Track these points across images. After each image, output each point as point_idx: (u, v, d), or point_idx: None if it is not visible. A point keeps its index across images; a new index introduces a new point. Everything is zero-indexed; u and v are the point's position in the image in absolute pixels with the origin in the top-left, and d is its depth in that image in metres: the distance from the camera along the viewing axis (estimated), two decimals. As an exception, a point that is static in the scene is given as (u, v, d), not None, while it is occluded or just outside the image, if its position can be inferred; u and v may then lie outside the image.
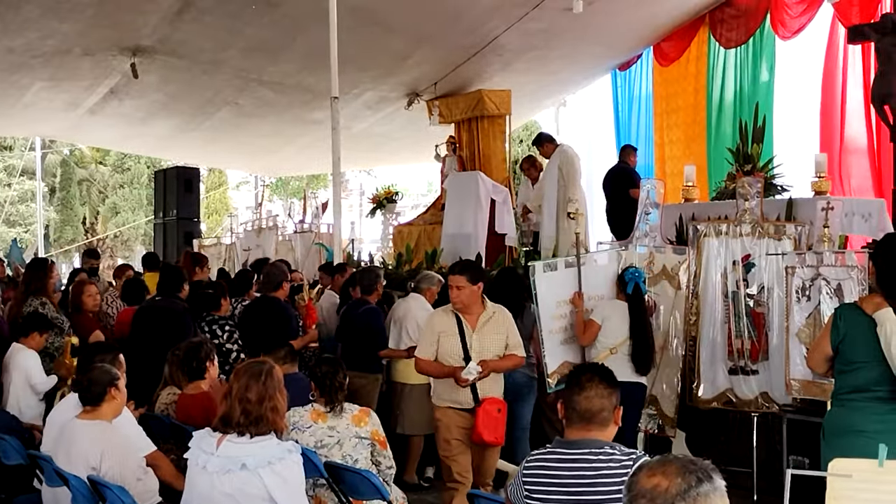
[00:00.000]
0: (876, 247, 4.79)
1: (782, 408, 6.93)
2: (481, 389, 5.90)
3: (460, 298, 5.97)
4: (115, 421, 4.75)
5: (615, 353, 6.97)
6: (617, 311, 7.08)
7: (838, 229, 8.10)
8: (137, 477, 4.58)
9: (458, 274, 6.01)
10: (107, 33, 11.61)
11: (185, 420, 5.53)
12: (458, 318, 6.00)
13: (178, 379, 5.90)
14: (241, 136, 16.35)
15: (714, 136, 13.90)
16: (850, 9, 12.05)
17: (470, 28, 12.63)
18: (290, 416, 5.10)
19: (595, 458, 3.50)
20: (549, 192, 11.32)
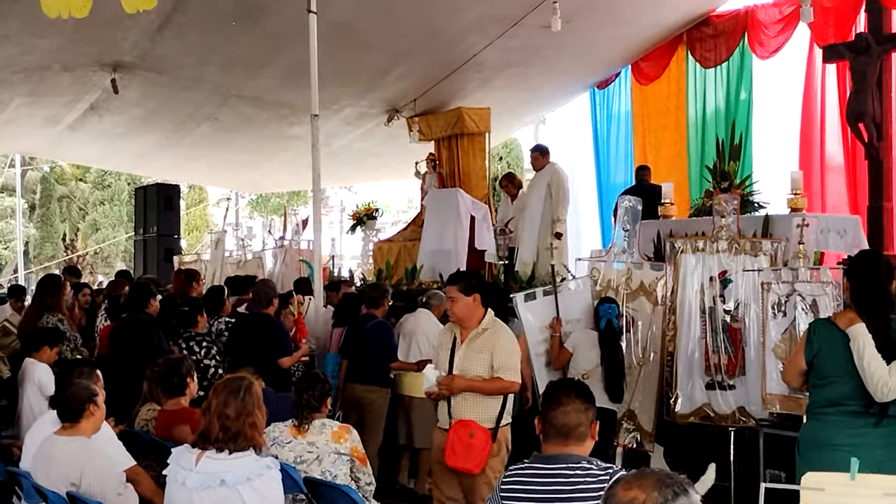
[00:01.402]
0: (849, 263, 4.83)
1: (759, 422, 6.96)
2: (457, 410, 5.62)
3: (454, 310, 5.77)
4: (95, 437, 4.73)
5: (587, 377, 7.22)
6: (588, 340, 7.45)
7: (814, 245, 8.15)
8: (117, 492, 4.56)
9: (451, 285, 5.82)
10: (87, 49, 11.56)
11: (164, 436, 5.52)
12: (454, 332, 5.84)
13: (158, 395, 5.90)
14: (222, 152, 16.30)
15: (695, 154, 13.99)
16: (826, 29, 12.18)
17: (449, 44, 12.66)
18: (271, 432, 5.11)
19: (572, 472, 3.50)
20: (534, 207, 11.35)
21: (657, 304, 7.76)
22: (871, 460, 4.03)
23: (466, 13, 11.78)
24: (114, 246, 33.32)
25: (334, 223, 31.25)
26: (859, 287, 4.56)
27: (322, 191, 11.54)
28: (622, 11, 12.64)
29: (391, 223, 19.28)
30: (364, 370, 8.03)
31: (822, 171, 12.57)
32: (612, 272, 8.23)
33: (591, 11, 12.05)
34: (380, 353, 8.01)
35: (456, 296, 5.71)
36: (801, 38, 12.75)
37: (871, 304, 4.49)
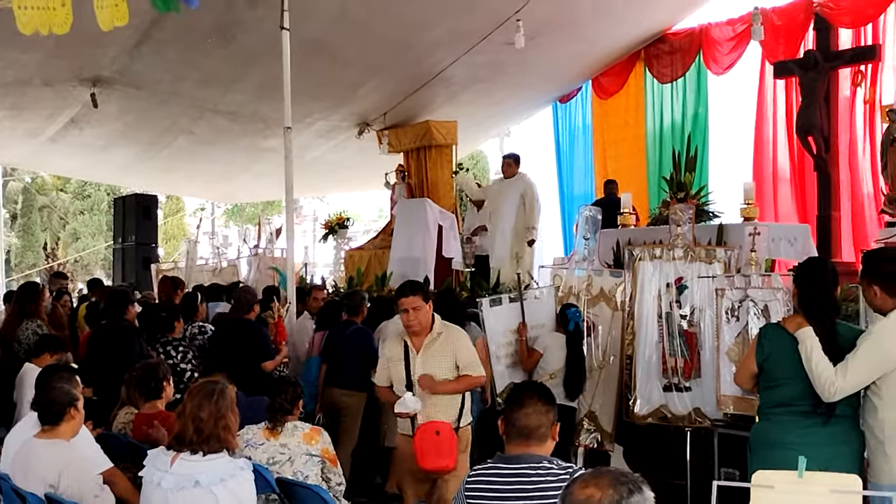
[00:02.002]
0: (798, 270, 4.87)
1: (714, 422, 6.96)
2: (423, 414, 5.48)
3: (418, 320, 5.53)
4: (73, 440, 4.68)
5: (554, 378, 7.30)
6: (556, 342, 7.46)
7: (765, 253, 8.21)
8: (94, 494, 4.51)
9: (412, 295, 5.55)
10: (67, 64, 11.48)
11: (141, 439, 5.47)
12: (406, 342, 5.61)
13: (135, 399, 5.86)
14: (198, 164, 16.22)
15: (653, 166, 14.08)
16: (776, 46, 12.31)
17: (418, 60, 12.67)
18: (245, 434, 5.10)
19: (534, 472, 3.51)
20: (507, 215, 11.34)
21: (617, 309, 7.79)
22: (819, 458, 4.05)
23: (434, 30, 11.80)
24: (93, 254, 33.06)
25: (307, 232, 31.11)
26: (807, 293, 4.59)
27: (295, 201, 11.51)
28: (583, 29, 12.70)
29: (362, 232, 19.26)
30: (343, 374, 7.99)
31: (773, 182, 12.70)
32: (574, 279, 8.25)
33: (554, 29, 12.10)
34: (362, 357, 7.94)
35: (420, 305, 5.54)
36: (752, 54, 12.89)
37: (819, 309, 4.52)
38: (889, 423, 4.26)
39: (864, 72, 11.33)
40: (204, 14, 9.27)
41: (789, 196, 12.52)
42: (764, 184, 12.47)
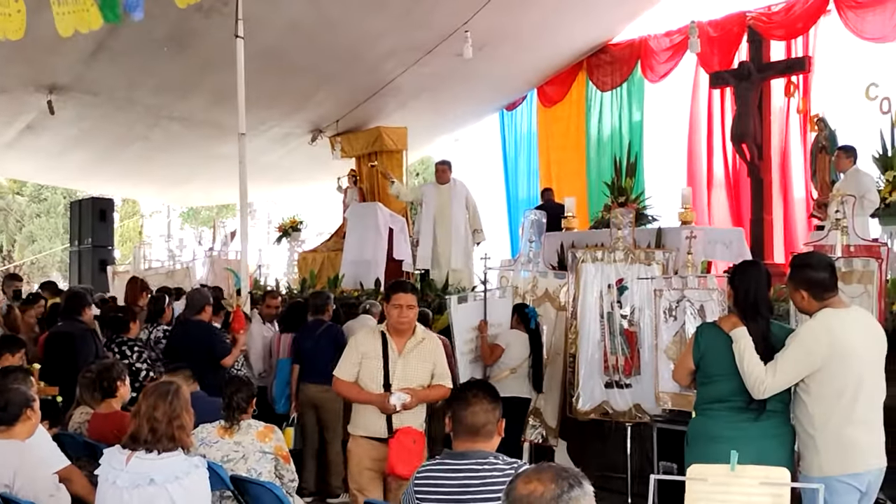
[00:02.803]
0: (732, 272, 4.92)
1: (653, 418, 7.04)
2: (399, 419, 5.15)
3: (411, 318, 5.23)
4: (29, 441, 4.59)
5: (515, 372, 7.38)
6: (518, 339, 7.50)
7: (701, 255, 8.32)
8: (50, 493, 4.43)
9: (411, 292, 5.28)
10: (23, 71, 11.29)
11: (97, 438, 5.39)
12: (385, 339, 5.24)
13: (89, 399, 5.77)
14: (154, 169, 16.01)
15: (594, 171, 14.19)
16: (712, 57, 12.46)
17: (369, 70, 12.65)
18: (199, 433, 5.04)
19: (481, 467, 3.52)
20: (458, 219, 11.39)
21: (560, 309, 7.84)
22: (752, 452, 4.09)
23: (385, 41, 11.80)
24: (49, 257, 32.46)
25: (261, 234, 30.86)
26: (741, 294, 4.62)
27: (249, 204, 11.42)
28: (528, 40, 12.78)
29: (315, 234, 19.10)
30: (318, 371, 7.78)
31: (709, 188, 12.86)
32: (520, 280, 8.31)
33: (501, 40, 12.16)
34: (335, 353, 7.90)
35: (414, 304, 5.26)
36: (687, 64, 13.04)
37: (752, 309, 4.56)
38: (818, 419, 4.31)
39: (796, 82, 11.53)
40: (159, 23, 9.20)
41: (724, 201, 12.69)
42: (699, 189, 12.61)
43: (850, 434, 4.26)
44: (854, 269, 5.70)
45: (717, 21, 12.54)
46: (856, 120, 10.56)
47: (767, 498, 3.22)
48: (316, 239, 16.11)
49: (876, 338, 4.47)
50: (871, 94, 9.62)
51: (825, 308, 4.39)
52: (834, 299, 4.45)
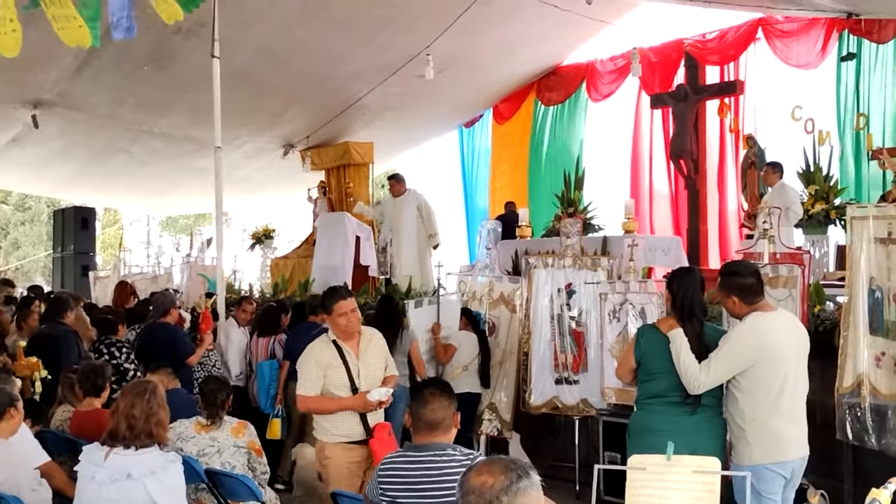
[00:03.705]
0: (670, 277, 4.98)
1: (599, 412, 7.10)
2: (372, 418, 5.00)
3: (356, 322, 5.07)
4: (12, 439, 4.54)
5: (467, 370, 7.47)
6: (469, 339, 7.61)
7: (642, 262, 8.40)
8: (32, 488, 4.39)
9: (349, 298, 5.08)
10: (8, 87, 11.13)
11: (78, 434, 5.34)
12: (339, 346, 5.01)
13: (72, 397, 5.71)
14: (135, 180, 15.83)
15: (542, 183, 14.27)
16: (652, 80, 12.60)
17: (337, 89, 12.64)
18: (176, 428, 5.02)
19: (439, 458, 3.55)
20: (408, 228, 11.34)
21: (514, 311, 7.87)
22: (688, 443, 4.16)
23: (352, 63, 11.80)
24: (34, 262, 31.98)
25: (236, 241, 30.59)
26: (678, 298, 4.66)
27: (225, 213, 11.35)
28: (485, 63, 12.86)
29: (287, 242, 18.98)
30: None
31: (650, 199, 12.98)
32: (477, 284, 8.33)
33: (460, 63, 12.20)
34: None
35: (355, 306, 5.09)
36: (631, 87, 13.17)
37: (688, 312, 4.61)
38: (748, 413, 4.38)
39: (729, 104, 11.69)
40: (140, 43, 9.10)
41: (664, 212, 12.82)
42: (641, 200, 12.72)
43: (777, 426, 4.35)
44: (780, 274, 5.79)
45: (657, 47, 12.67)
46: (782, 138, 10.73)
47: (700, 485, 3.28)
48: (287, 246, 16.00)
49: (799, 338, 4.56)
50: (797, 116, 9.76)
51: (754, 311, 4.47)
52: (762, 303, 4.53)
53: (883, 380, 4.98)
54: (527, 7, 10.78)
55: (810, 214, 9.05)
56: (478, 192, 15.76)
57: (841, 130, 10.60)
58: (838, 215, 8.82)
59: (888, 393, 4.92)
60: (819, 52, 10.86)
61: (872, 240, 5.07)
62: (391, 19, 10.87)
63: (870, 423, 4.99)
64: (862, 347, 5.06)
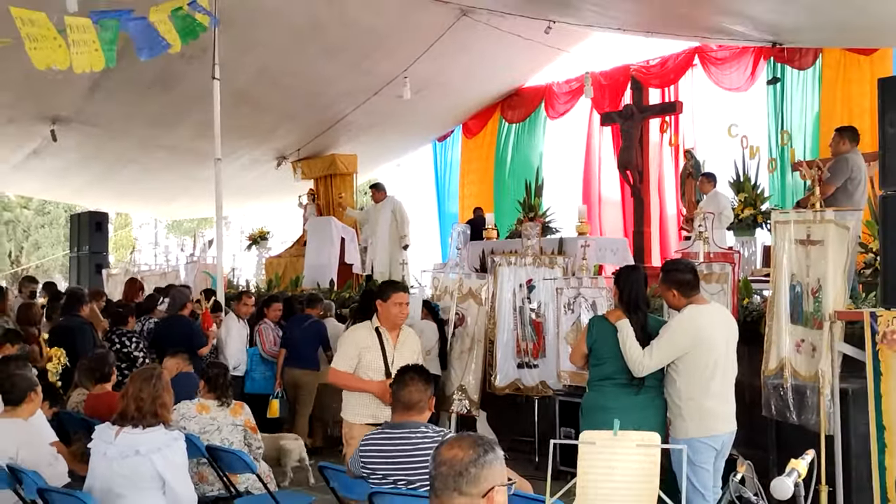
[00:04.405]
0: (617, 274, 5.01)
1: (555, 392, 7.11)
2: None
3: (405, 314, 5.01)
4: (31, 419, 4.49)
5: (429, 354, 7.29)
6: (430, 327, 7.44)
7: (594, 260, 8.44)
8: (48, 463, 4.34)
9: (405, 291, 5.10)
10: (31, 104, 11.02)
11: (92, 415, 5.28)
12: (380, 334, 4.92)
13: (86, 382, 5.66)
14: (144, 188, 15.71)
15: (506, 191, 14.29)
16: (603, 100, 12.66)
17: (325, 108, 12.62)
18: (180, 408, 4.99)
19: (414, 435, 3.57)
20: (383, 230, 11.27)
21: (481, 304, 7.83)
22: (633, 420, 4.18)
23: (339, 85, 11.78)
24: (52, 262, 31.59)
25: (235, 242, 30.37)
26: (624, 292, 4.69)
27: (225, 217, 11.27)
28: (455, 84, 12.89)
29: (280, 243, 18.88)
30: (303, 357, 7.96)
31: (599, 205, 13.05)
32: (449, 280, 8.28)
33: (434, 85, 12.22)
34: (317, 344, 7.99)
35: (409, 301, 5.01)
36: (584, 106, 13.23)
37: (633, 305, 4.64)
38: (685, 392, 4.42)
39: (669, 122, 11.76)
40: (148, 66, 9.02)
41: (612, 216, 12.88)
42: (592, 206, 12.78)
43: (709, 405, 4.39)
44: (713, 271, 5.84)
45: (606, 72, 12.74)
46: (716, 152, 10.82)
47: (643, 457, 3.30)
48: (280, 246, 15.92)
49: (730, 328, 4.61)
50: (733, 133, 9.83)
51: (690, 304, 4.51)
52: (697, 297, 4.58)
53: (802, 363, 5.03)
54: (493, 36, 10.80)
55: (740, 219, 9.13)
56: (449, 199, 15.75)
57: (769, 145, 10.71)
58: (764, 219, 8.91)
59: (807, 375, 4.97)
60: (749, 77, 10.97)
61: (793, 241, 5.12)
62: (374, 47, 10.87)
63: (791, 402, 5.04)
64: (784, 335, 5.12)
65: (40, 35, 6.17)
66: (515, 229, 10.60)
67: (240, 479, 4.99)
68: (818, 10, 7.85)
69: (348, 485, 4.04)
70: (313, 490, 6.22)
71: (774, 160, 9.66)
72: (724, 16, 8.66)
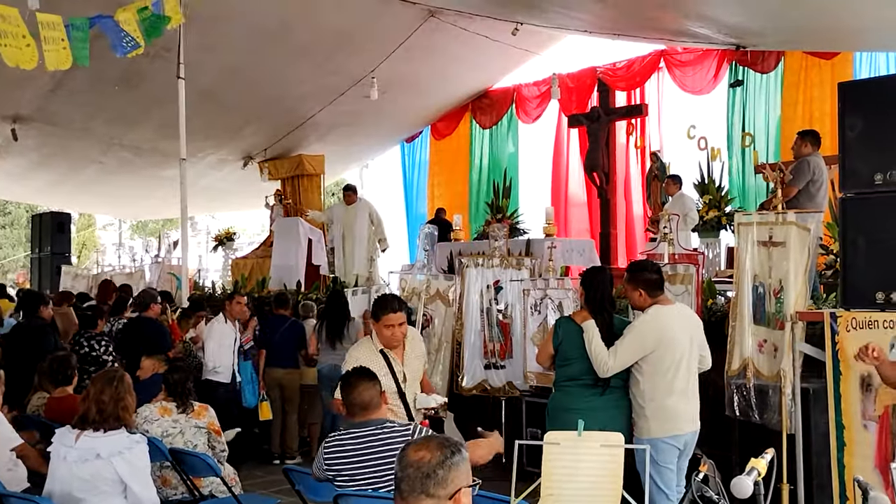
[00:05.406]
0: (583, 276, 5.03)
1: (522, 393, 7.11)
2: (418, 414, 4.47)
3: (402, 335, 4.42)
4: (-10, 424, 4.40)
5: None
6: None
7: (560, 262, 8.45)
8: (8, 468, 4.26)
9: (399, 311, 4.38)
10: (-10, 103, 10.84)
11: (52, 418, 5.19)
12: (385, 355, 4.39)
13: (47, 385, 5.56)
14: (107, 189, 15.46)
15: (476, 193, 14.31)
16: (570, 103, 12.71)
17: (292, 107, 12.53)
18: (143, 412, 4.92)
19: (380, 431, 3.55)
20: (360, 233, 11.24)
21: (449, 305, 7.85)
22: (599, 421, 4.21)
23: (305, 84, 11.71)
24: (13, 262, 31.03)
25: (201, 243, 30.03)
26: (590, 294, 4.73)
27: (191, 218, 11.17)
28: (423, 85, 12.86)
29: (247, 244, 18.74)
30: (285, 358, 7.98)
31: (566, 206, 13.09)
32: (416, 282, 8.29)
33: (401, 85, 12.19)
34: (297, 344, 8.00)
35: (404, 320, 4.43)
36: (554, 107, 13.27)
37: (599, 306, 4.67)
38: (648, 393, 4.45)
39: (635, 124, 11.84)
40: (111, 64, 8.91)
41: (579, 217, 12.94)
42: (560, 207, 12.82)
43: (672, 405, 4.43)
44: (678, 272, 5.89)
45: (573, 74, 12.79)
46: (682, 154, 10.91)
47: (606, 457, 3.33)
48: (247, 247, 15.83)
49: (693, 328, 4.65)
50: (692, 134, 9.92)
51: (655, 304, 4.55)
52: (662, 297, 4.62)
53: (765, 363, 5.10)
54: (461, 37, 10.81)
55: (705, 220, 9.22)
56: (418, 200, 15.73)
57: (730, 148, 10.84)
58: (728, 221, 9.00)
59: (769, 374, 5.04)
60: (712, 80, 11.09)
61: (756, 243, 5.19)
62: (341, 47, 10.81)
63: (754, 401, 5.10)
64: (747, 336, 5.17)
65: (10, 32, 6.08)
66: (483, 231, 10.60)
67: (204, 483, 4.94)
68: (780, 14, 7.97)
69: (314, 487, 4.01)
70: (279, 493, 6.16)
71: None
72: (689, 19, 8.76)
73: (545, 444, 3.37)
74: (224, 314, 7.80)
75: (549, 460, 3.32)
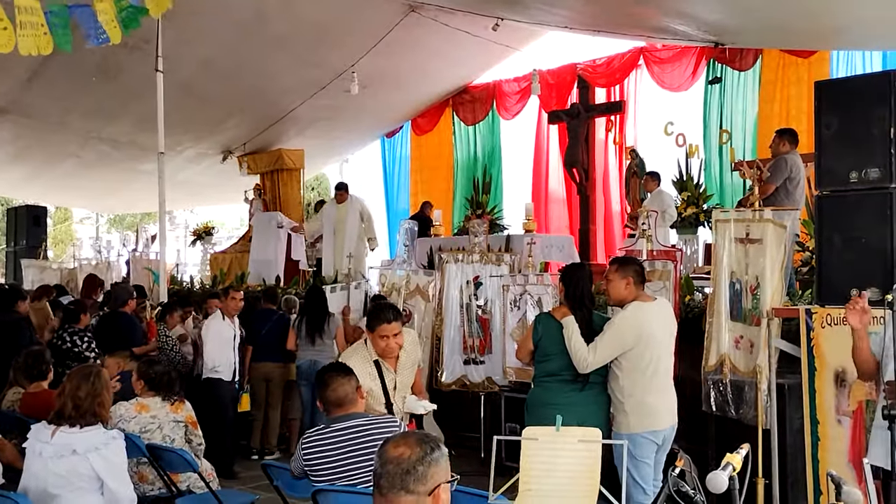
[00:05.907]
0: (563, 272, 5.05)
1: (501, 388, 7.16)
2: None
3: (398, 345, 4.20)
4: (-34, 418, 4.35)
5: None
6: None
7: (540, 257, 8.49)
8: (-18, 462, 4.21)
9: (395, 320, 4.14)
10: (-37, 95, 10.66)
11: (28, 414, 5.13)
12: (378, 364, 4.21)
13: (22, 380, 5.49)
14: (84, 182, 15.28)
15: (459, 189, 14.28)
16: (550, 99, 12.71)
17: (272, 101, 12.44)
18: (118, 410, 4.87)
19: (361, 424, 3.55)
20: (351, 230, 11.21)
21: (429, 301, 7.88)
22: (577, 416, 4.24)
23: (285, 78, 11.63)
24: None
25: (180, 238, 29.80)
26: (570, 289, 4.75)
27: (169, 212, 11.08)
28: (404, 80, 12.81)
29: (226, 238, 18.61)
30: (272, 351, 7.94)
31: (546, 202, 13.11)
32: (396, 277, 8.31)
33: (381, 80, 12.13)
34: (283, 338, 7.93)
35: (399, 329, 4.19)
36: (535, 104, 13.28)
37: (578, 301, 4.70)
38: (626, 388, 4.48)
39: (614, 121, 11.87)
40: (88, 56, 8.81)
41: (559, 213, 12.97)
42: (539, 203, 12.83)
43: (650, 400, 4.46)
44: (656, 268, 5.93)
45: (553, 70, 12.79)
46: (660, 151, 10.95)
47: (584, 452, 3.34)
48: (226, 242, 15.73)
49: (671, 325, 4.69)
50: (669, 131, 9.94)
51: (635, 301, 4.58)
52: (642, 294, 4.65)
53: (741, 359, 5.15)
54: (442, 32, 10.79)
55: (683, 217, 9.27)
56: (399, 196, 15.70)
57: (707, 145, 10.90)
58: (706, 218, 9.06)
59: (745, 370, 5.09)
60: (690, 77, 11.14)
61: (733, 240, 5.23)
62: (321, 41, 10.75)
63: (730, 396, 5.16)
64: (724, 332, 5.22)
65: None
66: (463, 226, 10.61)
67: (181, 478, 4.92)
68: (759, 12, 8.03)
69: (293, 483, 4.00)
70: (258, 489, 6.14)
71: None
72: (669, 15, 8.80)
73: (523, 439, 3.38)
74: (221, 311, 7.52)
75: (528, 455, 3.33)
